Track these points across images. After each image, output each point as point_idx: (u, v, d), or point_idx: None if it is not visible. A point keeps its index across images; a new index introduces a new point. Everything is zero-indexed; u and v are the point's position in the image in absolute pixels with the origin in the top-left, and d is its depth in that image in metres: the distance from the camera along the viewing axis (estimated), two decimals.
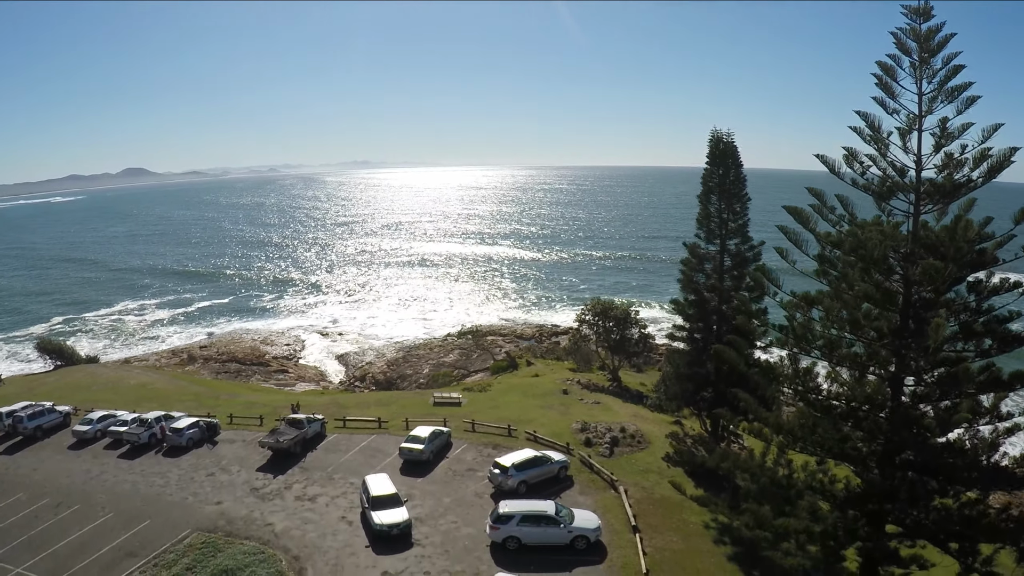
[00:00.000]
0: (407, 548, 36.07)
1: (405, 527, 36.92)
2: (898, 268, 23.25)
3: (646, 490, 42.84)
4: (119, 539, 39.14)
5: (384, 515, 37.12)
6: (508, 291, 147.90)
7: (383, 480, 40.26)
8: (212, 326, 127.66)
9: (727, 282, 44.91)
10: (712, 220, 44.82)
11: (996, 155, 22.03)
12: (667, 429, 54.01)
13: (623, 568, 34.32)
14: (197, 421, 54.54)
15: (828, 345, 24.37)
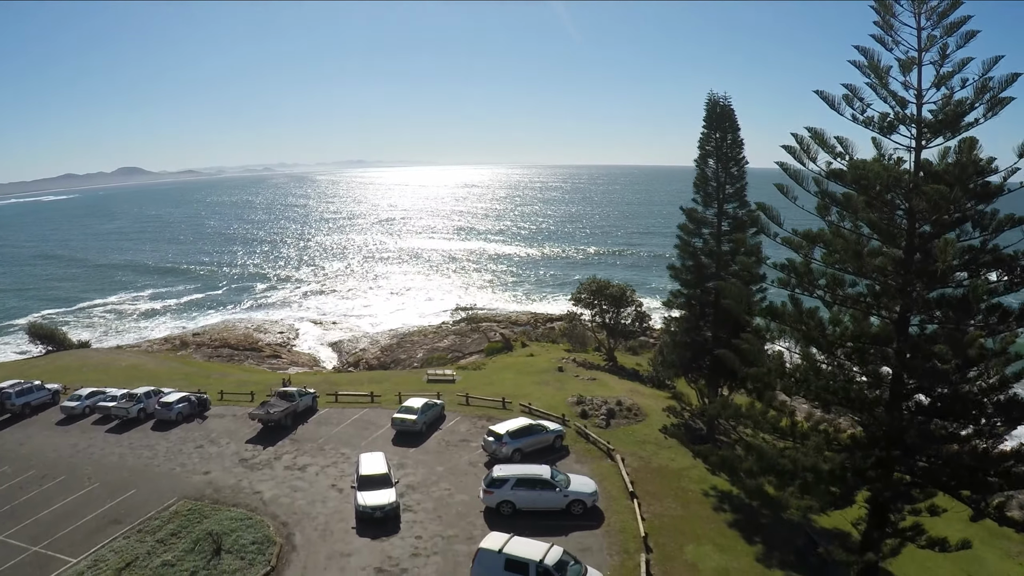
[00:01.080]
0: (394, 532, 33.83)
1: (391, 510, 34.54)
2: (901, 200, 22.58)
3: (643, 459, 42.17)
4: (104, 507, 38.31)
5: (369, 496, 34.81)
6: (503, 283, 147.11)
7: (376, 459, 38.09)
8: (205, 317, 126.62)
9: (725, 246, 44.22)
10: (709, 184, 44.13)
11: (996, 83, 21.40)
12: (664, 403, 53.25)
13: (621, 532, 33.62)
14: (187, 395, 53.71)
15: (831, 283, 23.67)
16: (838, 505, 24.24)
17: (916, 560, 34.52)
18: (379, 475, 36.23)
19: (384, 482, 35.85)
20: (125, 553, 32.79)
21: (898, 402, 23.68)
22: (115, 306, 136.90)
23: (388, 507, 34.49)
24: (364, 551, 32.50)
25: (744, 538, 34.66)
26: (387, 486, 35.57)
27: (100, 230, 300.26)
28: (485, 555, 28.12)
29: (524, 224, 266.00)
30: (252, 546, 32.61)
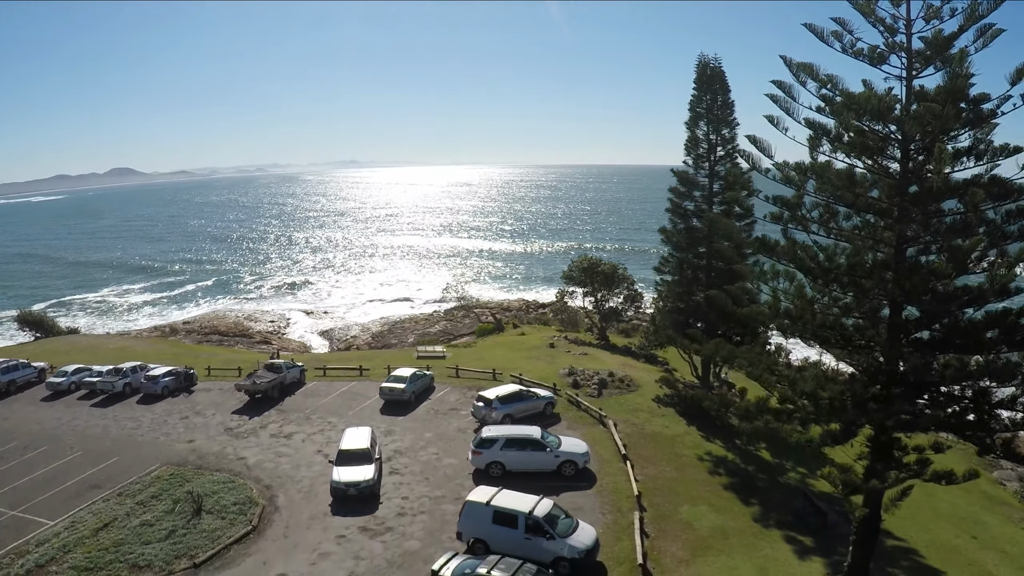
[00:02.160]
0: (370, 511, 31.36)
1: (367, 488, 31.84)
2: (893, 128, 21.81)
3: (636, 426, 41.41)
4: (85, 474, 37.42)
5: (345, 472, 32.45)
6: (494, 276, 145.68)
7: (359, 434, 35.69)
8: (195, 308, 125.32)
9: (716, 208, 43.58)
10: (700, 145, 43.54)
11: (984, 8, 20.68)
12: (657, 376, 52.60)
13: (613, 492, 32.87)
14: (173, 369, 52.81)
15: (825, 215, 22.91)
16: (838, 440, 23.43)
17: (919, 522, 33.97)
18: (359, 450, 33.78)
19: (363, 458, 33.36)
20: (103, 515, 31.91)
21: (897, 335, 22.91)
22: (104, 297, 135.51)
23: (363, 484, 31.92)
24: (348, 512, 31.66)
25: (740, 500, 33.96)
26: (366, 462, 33.10)
27: (84, 229, 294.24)
28: (472, 508, 27.35)
29: (516, 221, 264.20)
30: (234, 507, 31.78)
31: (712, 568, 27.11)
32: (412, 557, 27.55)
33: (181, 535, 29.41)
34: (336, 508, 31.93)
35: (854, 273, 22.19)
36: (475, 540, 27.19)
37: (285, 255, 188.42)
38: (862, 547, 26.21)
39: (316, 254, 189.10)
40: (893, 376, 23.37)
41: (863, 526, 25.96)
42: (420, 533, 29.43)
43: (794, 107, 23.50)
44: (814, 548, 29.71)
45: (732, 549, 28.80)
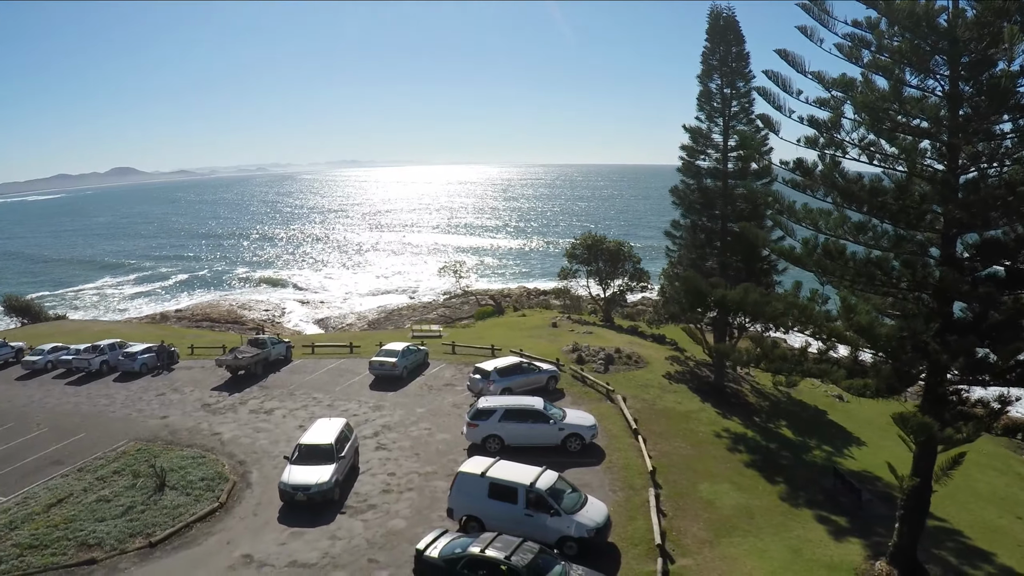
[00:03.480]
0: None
1: (318, 493, 25.91)
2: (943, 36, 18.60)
3: (647, 402, 38.17)
4: (47, 450, 34.24)
5: (298, 472, 26.70)
6: (494, 269, 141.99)
7: (328, 427, 29.68)
8: (188, 299, 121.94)
9: (731, 164, 40.38)
10: (714, 99, 40.33)
11: None
12: (666, 354, 49.41)
13: (624, 469, 29.59)
14: (151, 346, 49.63)
15: (875, 125, 19.55)
16: (894, 388, 20.07)
17: (958, 502, 30.91)
18: (321, 446, 27.83)
19: (323, 456, 27.36)
20: (58, 491, 28.69)
21: (952, 272, 19.61)
22: (100, 289, 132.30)
23: (315, 489, 25.93)
24: None
25: (765, 478, 30.74)
26: (325, 462, 27.10)
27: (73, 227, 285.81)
28: (465, 480, 24.01)
29: (515, 218, 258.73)
30: (201, 482, 28.55)
31: (739, 550, 23.85)
32: (396, 537, 24.28)
33: (139, 512, 26.19)
34: None
35: (903, 199, 19.03)
36: (468, 518, 23.94)
37: (281, 250, 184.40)
38: (910, 523, 23.02)
39: (313, 249, 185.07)
40: (947, 321, 20.13)
41: (911, 499, 22.74)
42: (407, 511, 26.16)
43: (829, 20, 20.37)
44: (850, 529, 26.50)
45: (760, 530, 25.55)
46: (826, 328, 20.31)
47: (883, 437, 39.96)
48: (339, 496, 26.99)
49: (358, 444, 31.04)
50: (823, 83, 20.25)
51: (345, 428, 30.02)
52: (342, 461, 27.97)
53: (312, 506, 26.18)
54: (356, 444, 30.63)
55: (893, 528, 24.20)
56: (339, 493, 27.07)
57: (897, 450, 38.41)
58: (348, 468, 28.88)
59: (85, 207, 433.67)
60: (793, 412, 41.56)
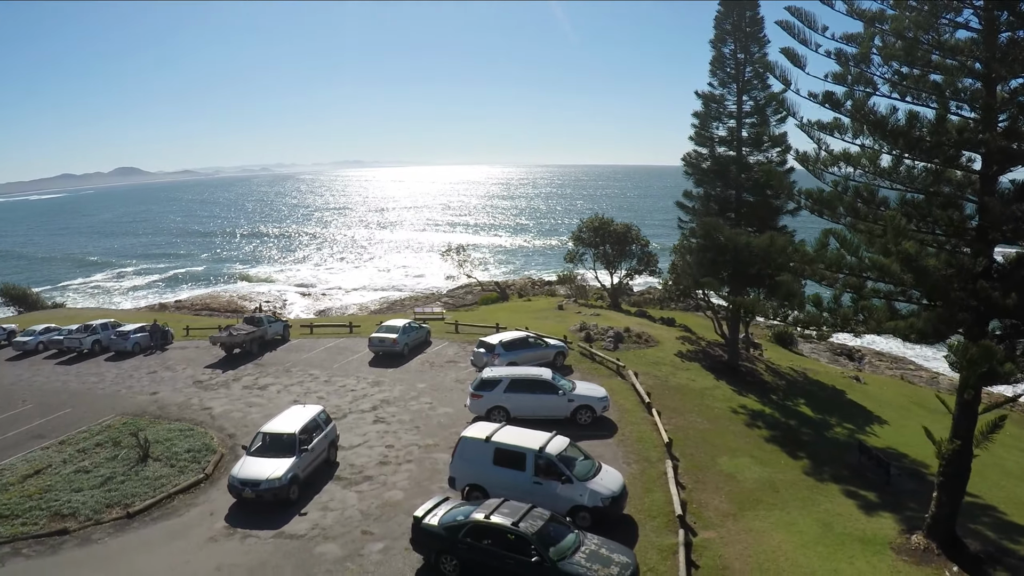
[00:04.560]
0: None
1: (268, 490, 22.19)
2: None
3: (659, 379, 36.39)
4: (30, 424, 32.61)
5: (252, 464, 23.15)
6: (497, 263, 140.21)
7: (299, 415, 26.04)
8: (188, 292, 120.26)
9: (745, 131, 38.62)
10: (727, 65, 38.50)
11: None
12: (676, 335, 47.63)
13: (638, 442, 27.79)
14: (145, 325, 48.02)
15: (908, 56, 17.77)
16: (939, 332, 18.12)
17: (988, 480, 29.14)
18: (283, 436, 24.17)
19: (284, 448, 23.73)
20: (36, 462, 27.01)
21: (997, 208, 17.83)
22: (96, 283, 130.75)
23: (265, 485, 22.21)
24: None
25: (787, 453, 28.96)
26: (285, 455, 23.43)
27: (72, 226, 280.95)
28: (469, 445, 22.22)
29: (518, 216, 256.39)
30: (187, 454, 26.85)
31: (766, 523, 22.04)
32: (393, 508, 22.52)
33: (118, 482, 24.49)
34: None
35: (939, 133, 17.32)
36: (471, 488, 22.16)
37: (283, 246, 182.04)
38: (950, 491, 21.19)
39: (315, 246, 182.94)
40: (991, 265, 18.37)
41: (950, 465, 20.93)
42: (405, 483, 24.40)
43: None
44: (879, 503, 24.68)
45: (785, 503, 23.74)
46: (865, 264, 18.40)
47: (904, 417, 38.26)
48: (297, 496, 22.97)
49: (337, 436, 26.86)
50: (852, 13, 18.46)
51: (318, 417, 26.00)
52: (306, 455, 23.87)
53: (262, 506, 22.37)
54: (334, 436, 26.45)
55: (925, 503, 22.63)
56: (297, 492, 22.97)
57: (920, 430, 36.95)
58: (318, 463, 24.96)
59: (85, 206, 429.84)
60: (811, 391, 39.78)
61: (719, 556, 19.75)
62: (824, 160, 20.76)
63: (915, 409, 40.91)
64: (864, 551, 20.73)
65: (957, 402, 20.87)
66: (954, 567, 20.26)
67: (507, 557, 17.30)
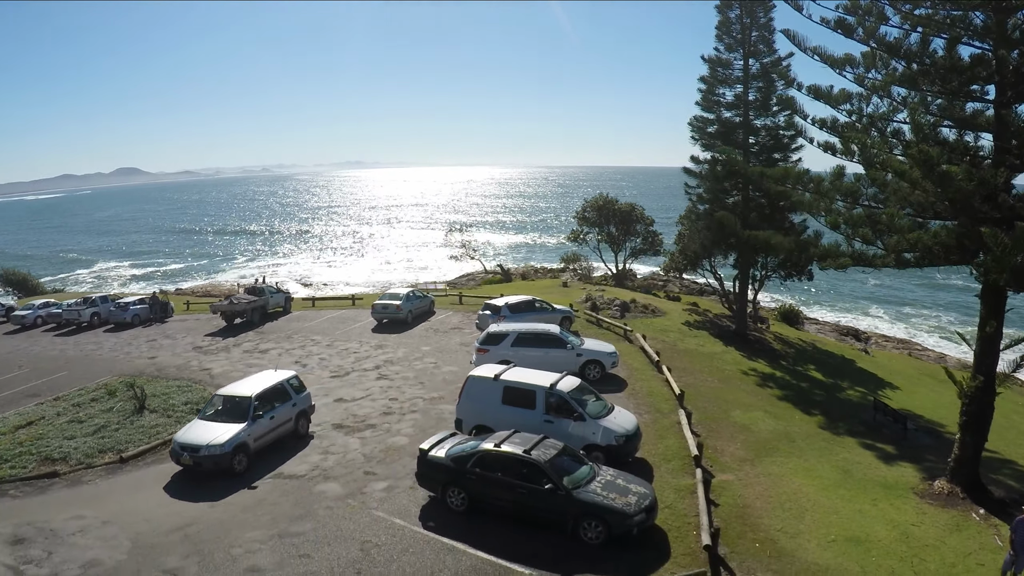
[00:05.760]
0: (350, 411, 24.79)
1: (208, 458, 19.83)
2: None
3: (667, 343, 35.61)
4: (25, 385, 31.94)
5: (197, 428, 20.84)
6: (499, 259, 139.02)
7: (263, 378, 23.53)
8: (191, 283, 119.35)
9: (752, 95, 38.02)
10: (733, 30, 37.87)
11: None
12: (683, 307, 46.94)
13: (649, 395, 27.00)
14: (144, 298, 47.35)
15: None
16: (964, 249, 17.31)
17: (1005, 439, 28.63)
18: (237, 399, 21.69)
19: (237, 414, 21.22)
20: (30, 415, 26.31)
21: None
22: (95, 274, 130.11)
23: (205, 451, 19.84)
24: (323, 411, 25.99)
25: (800, 410, 28.32)
26: (235, 420, 20.99)
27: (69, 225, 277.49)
28: (476, 384, 21.48)
29: (520, 214, 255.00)
30: (184, 406, 26.22)
31: (784, 468, 21.28)
32: (397, 452, 21.78)
33: (113, 430, 23.81)
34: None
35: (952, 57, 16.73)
36: (478, 429, 21.40)
37: (284, 242, 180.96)
38: (973, 432, 20.46)
39: (317, 241, 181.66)
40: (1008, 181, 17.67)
41: (973, 403, 20.20)
42: (409, 430, 23.65)
43: None
44: (898, 455, 23.97)
45: (803, 452, 23.00)
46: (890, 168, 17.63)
47: (915, 385, 37.74)
48: (245, 467, 20.43)
49: (311, 407, 24.16)
50: None
51: (287, 383, 23.19)
52: (261, 423, 21.23)
53: (202, 475, 20.03)
54: (306, 406, 23.62)
55: (943, 455, 22.26)
56: (245, 463, 20.41)
57: (932, 395, 36.25)
58: (282, 434, 22.34)
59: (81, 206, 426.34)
60: (820, 359, 39.09)
61: (738, 496, 19.01)
62: (836, 97, 20.14)
63: (925, 379, 40.25)
64: (887, 495, 20.00)
65: (978, 338, 20.22)
66: (980, 510, 19.54)
67: (518, 487, 16.55)
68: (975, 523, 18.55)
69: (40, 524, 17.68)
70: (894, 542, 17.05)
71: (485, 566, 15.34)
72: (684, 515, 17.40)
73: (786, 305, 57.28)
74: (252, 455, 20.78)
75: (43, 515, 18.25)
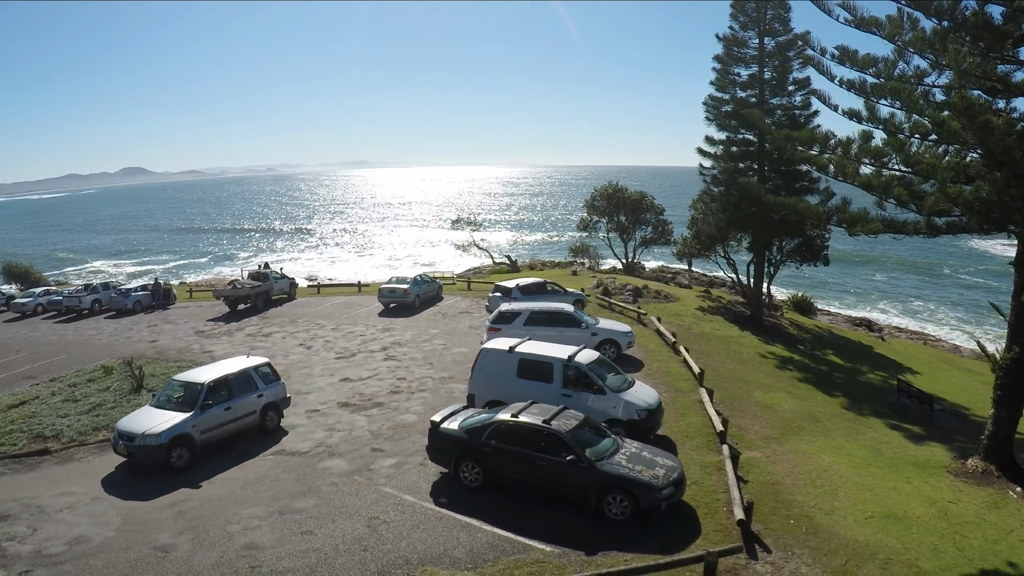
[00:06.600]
0: (356, 391, 24.03)
1: (142, 448, 17.84)
2: None
3: (683, 327, 34.59)
4: (22, 368, 31.03)
5: (140, 416, 18.96)
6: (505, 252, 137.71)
7: (227, 365, 21.42)
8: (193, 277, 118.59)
9: (768, 74, 37.04)
10: (748, 5, 36.93)
11: None
12: (696, 293, 45.92)
13: (667, 375, 25.98)
14: (146, 284, 46.54)
15: None
16: (1005, 207, 16.20)
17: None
18: (192, 386, 19.64)
19: (184, 401, 19.35)
20: (24, 395, 25.41)
21: None
22: (97, 268, 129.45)
23: (139, 441, 17.87)
24: (328, 389, 25.07)
25: (822, 391, 27.33)
26: (183, 409, 19.02)
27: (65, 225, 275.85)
28: (490, 357, 20.48)
29: (525, 213, 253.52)
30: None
31: (812, 446, 20.25)
32: (406, 429, 20.81)
33: (108, 408, 22.84)
34: (314, 384, 25.41)
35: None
36: (491, 404, 20.38)
37: (288, 240, 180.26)
38: (1009, 407, 19.38)
39: (321, 238, 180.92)
40: None
41: (1009, 376, 19.15)
42: (419, 408, 22.67)
43: None
44: (926, 436, 22.94)
45: (829, 431, 21.98)
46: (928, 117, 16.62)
47: (935, 371, 36.75)
48: (187, 463, 18.30)
49: (286, 398, 21.84)
50: None
51: (254, 370, 20.94)
52: (212, 414, 19.09)
53: (136, 466, 18.25)
54: (277, 398, 21.30)
55: (972, 436, 21.50)
56: (187, 458, 18.28)
57: (954, 380, 35.21)
58: (242, 427, 20.19)
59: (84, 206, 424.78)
60: (838, 344, 38.07)
61: (768, 473, 17.99)
62: (864, 60, 19.17)
63: (944, 366, 39.23)
64: (920, 473, 18.99)
65: (1012, 307, 19.18)
66: (1017, 488, 18.51)
67: (537, 459, 15.54)
68: (1013, 501, 17.56)
69: (27, 501, 16.80)
70: (933, 519, 16.06)
71: (502, 543, 14.35)
72: (712, 492, 16.39)
73: (798, 295, 56.23)
74: (199, 449, 18.57)
75: (31, 492, 17.37)
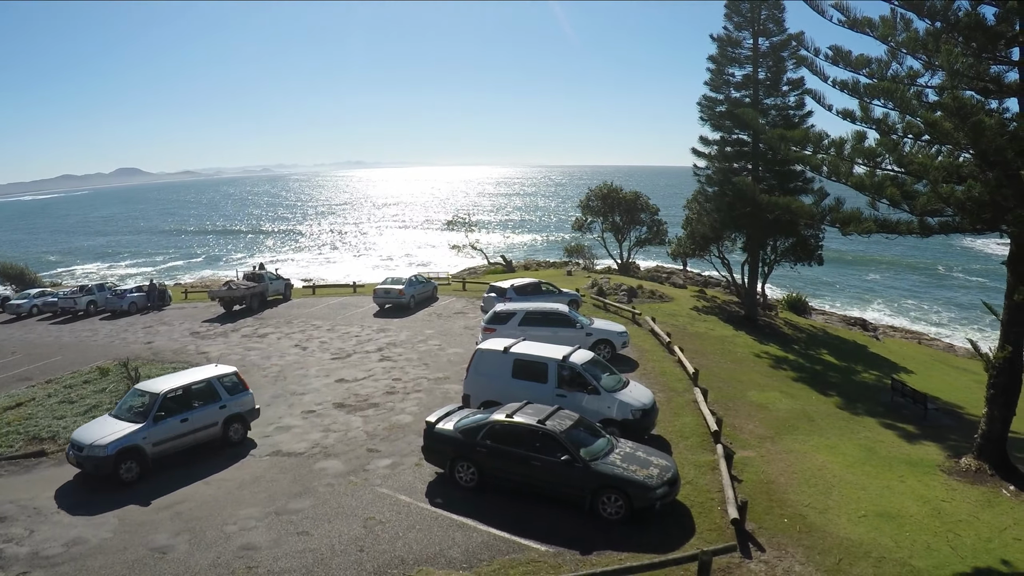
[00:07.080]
0: (352, 391, 24.19)
1: (89, 459, 17.41)
2: None
3: (677, 327, 34.70)
4: (18, 370, 31.01)
5: (97, 425, 18.60)
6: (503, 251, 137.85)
7: (190, 374, 20.73)
8: (189, 278, 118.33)
9: (762, 74, 37.22)
10: (743, 5, 37.09)
11: None
12: (690, 293, 46.05)
13: (661, 375, 26.08)
14: (141, 285, 46.55)
15: None
16: (997, 206, 16.34)
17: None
18: (147, 395, 19.00)
19: (139, 411, 18.63)
20: (20, 397, 25.41)
21: None
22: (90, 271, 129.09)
23: (87, 452, 17.42)
24: (324, 390, 25.12)
25: (816, 391, 27.42)
26: (135, 420, 18.38)
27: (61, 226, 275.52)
28: (485, 357, 20.56)
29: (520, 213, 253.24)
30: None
31: (806, 445, 20.38)
32: (402, 430, 20.89)
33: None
34: (309, 385, 25.46)
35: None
36: (486, 404, 20.44)
37: (282, 240, 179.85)
38: (1002, 406, 19.52)
39: (316, 239, 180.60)
40: None
41: (1002, 375, 19.27)
42: (414, 408, 22.74)
43: None
44: (920, 434, 23.06)
45: (823, 430, 22.10)
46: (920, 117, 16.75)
47: (929, 370, 36.94)
48: (136, 476, 17.64)
49: (255, 409, 21.03)
50: None
51: (217, 380, 20.16)
52: (166, 425, 18.41)
53: (86, 478, 17.80)
54: (244, 410, 20.47)
55: (966, 435, 21.66)
56: (136, 471, 17.61)
57: (947, 379, 35.41)
58: (201, 439, 19.42)
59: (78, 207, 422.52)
60: (832, 344, 38.22)
61: (761, 472, 18.10)
62: (857, 60, 19.30)
63: (938, 365, 39.46)
64: (913, 472, 19.11)
65: (1005, 307, 19.33)
66: (1010, 486, 18.65)
67: (532, 459, 15.62)
68: (1006, 499, 17.70)
69: (24, 502, 16.84)
70: (926, 517, 16.18)
71: (498, 543, 14.43)
72: (706, 491, 16.49)
73: (793, 295, 56.41)
74: (150, 462, 17.89)
75: (28, 493, 17.41)
